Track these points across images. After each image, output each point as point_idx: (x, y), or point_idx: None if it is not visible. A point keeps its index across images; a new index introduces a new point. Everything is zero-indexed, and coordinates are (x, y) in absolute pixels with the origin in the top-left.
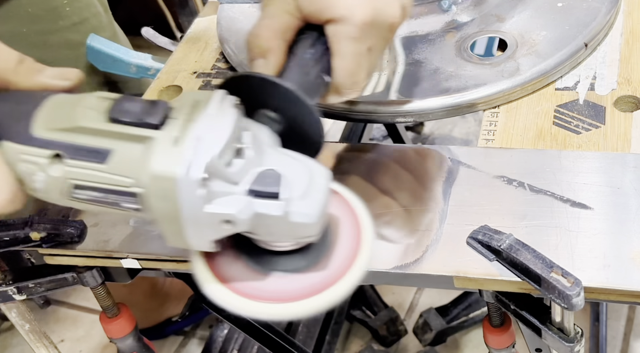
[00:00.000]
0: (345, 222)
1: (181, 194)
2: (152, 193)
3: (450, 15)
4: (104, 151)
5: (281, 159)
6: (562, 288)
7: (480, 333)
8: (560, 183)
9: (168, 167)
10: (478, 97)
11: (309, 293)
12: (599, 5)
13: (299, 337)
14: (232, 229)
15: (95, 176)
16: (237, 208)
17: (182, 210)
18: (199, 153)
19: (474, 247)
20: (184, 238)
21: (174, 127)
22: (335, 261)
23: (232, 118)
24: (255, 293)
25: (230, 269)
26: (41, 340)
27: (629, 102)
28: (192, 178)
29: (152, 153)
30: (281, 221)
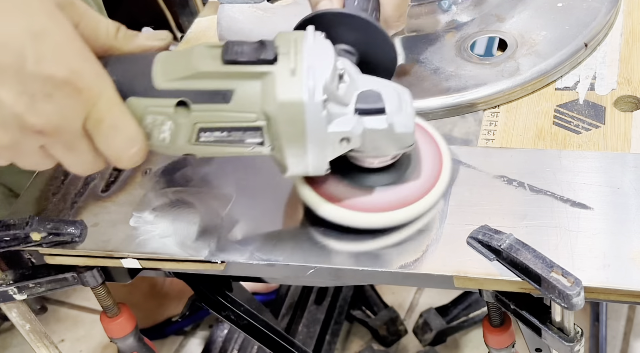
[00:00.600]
0: (423, 142)
1: (308, 116)
2: (280, 121)
3: (450, 15)
4: (226, 91)
5: (370, 82)
6: (562, 287)
7: (480, 333)
8: (560, 182)
9: (294, 94)
10: (478, 97)
11: (410, 201)
12: (599, 5)
13: (298, 337)
14: (347, 147)
15: (221, 116)
16: (352, 125)
17: (308, 132)
18: (315, 79)
19: (474, 247)
20: (306, 161)
21: (287, 61)
22: (424, 173)
23: (330, 47)
24: (365, 207)
25: (335, 190)
26: (41, 340)
27: (629, 102)
28: (316, 101)
29: (275, 85)
30: (387, 133)
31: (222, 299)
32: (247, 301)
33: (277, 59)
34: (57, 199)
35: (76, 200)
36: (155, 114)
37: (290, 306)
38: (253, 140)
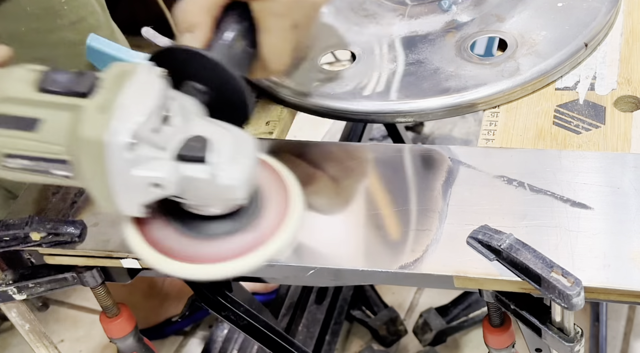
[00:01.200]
0: (273, 190)
1: (109, 158)
2: (81, 159)
3: (450, 15)
4: (33, 120)
5: (208, 127)
6: (562, 287)
7: (480, 333)
8: (560, 182)
9: (95, 132)
10: (478, 97)
11: (239, 254)
12: (599, 5)
13: (298, 337)
14: (161, 192)
15: (26, 144)
16: (164, 171)
17: (110, 174)
18: (125, 119)
19: (474, 247)
20: (114, 203)
21: (101, 96)
22: (263, 225)
23: (157, 87)
24: (187, 256)
25: (162, 235)
26: (41, 340)
27: (629, 102)
28: (119, 142)
29: (80, 120)
30: (209, 184)
31: (222, 299)
32: (247, 302)
33: (92, 92)
34: (56, 199)
35: (76, 200)
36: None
37: (290, 307)
38: (60, 172)
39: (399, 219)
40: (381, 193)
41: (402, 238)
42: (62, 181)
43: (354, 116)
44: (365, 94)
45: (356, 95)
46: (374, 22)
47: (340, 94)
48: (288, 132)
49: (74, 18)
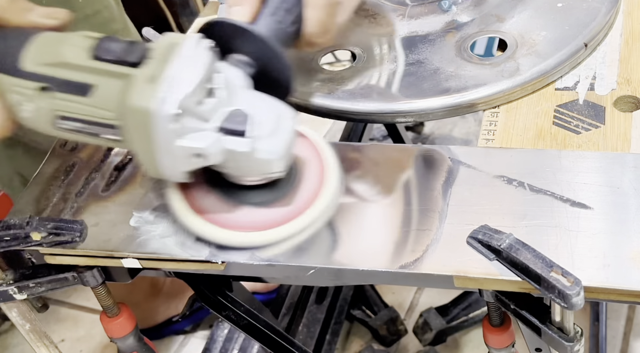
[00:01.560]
0: (312, 163)
1: (155, 127)
2: (129, 125)
3: (450, 15)
4: (87, 85)
5: (251, 101)
6: (562, 287)
7: (480, 333)
8: (560, 182)
9: (144, 102)
10: (478, 97)
11: (274, 224)
12: (599, 5)
13: (299, 337)
14: (203, 162)
15: (79, 108)
16: (206, 142)
17: (155, 142)
18: (172, 90)
19: (474, 247)
20: (158, 169)
21: (151, 66)
22: (300, 197)
23: (205, 60)
24: (226, 223)
25: (204, 201)
26: (42, 340)
27: (628, 102)
28: (165, 112)
29: (130, 89)
30: (248, 157)
31: (222, 299)
32: (247, 301)
33: (143, 63)
34: (57, 199)
35: (76, 200)
36: (17, 93)
37: (290, 306)
38: (109, 136)
39: (399, 219)
40: (381, 193)
41: (402, 238)
42: (111, 144)
43: (354, 116)
44: (365, 94)
45: (356, 95)
46: (374, 22)
47: (340, 94)
48: None
49: (89, 11)
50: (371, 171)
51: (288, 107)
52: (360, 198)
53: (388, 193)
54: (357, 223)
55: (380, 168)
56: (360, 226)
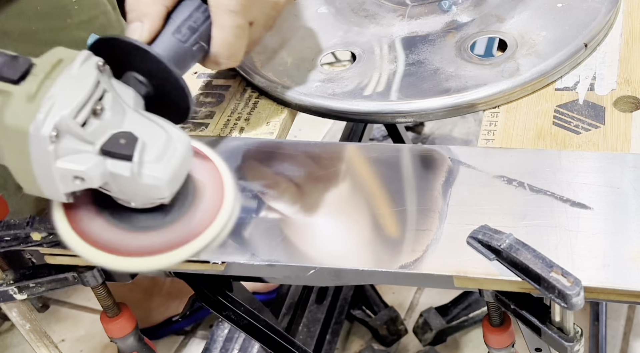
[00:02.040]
0: (208, 184)
1: (32, 148)
2: (5, 144)
3: (450, 15)
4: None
5: (141, 123)
6: (561, 287)
7: (480, 333)
8: (560, 182)
9: (20, 122)
10: (478, 98)
11: (167, 248)
12: (599, 5)
13: (299, 337)
14: (83, 185)
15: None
16: (86, 165)
17: (33, 163)
18: (51, 111)
19: (474, 247)
20: (38, 189)
21: (31, 84)
22: (193, 220)
23: (91, 79)
24: (114, 247)
25: (90, 223)
26: (42, 340)
27: (628, 102)
28: (42, 134)
29: (7, 107)
30: (131, 181)
31: (222, 299)
32: (247, 301)
33: (24, 79)
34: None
35: None
36: None
37: (290, 306)
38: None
39: (399, 219)
40: (381, 193)
41: (402, 238)
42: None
43: (354, 116)
44: (365, 95)
45: (356, 95)
46: (374, 22)
47: (340, 94)
48: (289, 132)
49: (84, 17)
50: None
51: (181, 132)
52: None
53: (388, 193)
54: (357, 223)
55: (380, 167)
56: (360, 225)
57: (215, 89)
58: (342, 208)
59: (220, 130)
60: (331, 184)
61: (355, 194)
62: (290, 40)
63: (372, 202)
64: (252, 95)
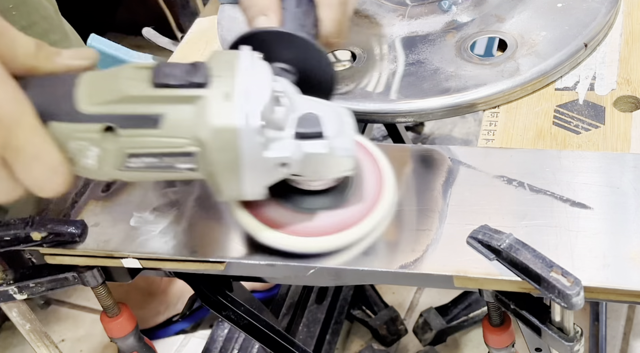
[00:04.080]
0: (365, 164)
1: (243, 143)
2: (213, 147)
3: (450, 15)
4: (155, 116)
5: (309, 104)
6: (562, 287)
7: (480, 333)
8: (560, 182)
9: (228, 120)
10: (478, 97)
11: (350, 224)
12: (599, 5)
13: (299, 337)
14: (286, 171)
15: (151, 142)
16: (290, 150)
17: (243, 158)
18: (252, 103)
19: (474, 247)
20: (241, 187)
21: (220, 84)
22: (366, 196)
23: (266, 70)
24: (305, 231)
25: (274, 215)
26: (42, 340)
27: (628, 102)
28: (252, 127)
29: (207, 110)
30: (327, 157)
31: (222, 299)
32: (247, 301)
33: (210, 82)
34: (57, 199)
35: (76, 200)
36: (80, 139)
37: (290, 306)
38: (184, 166)
39: (399, 219)
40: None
41: (402, 238)
42: (184, 175)
43: (354, 116)
44: (365, 94)
45: (356, 95)
46: (374, 22)
47: (340, 94)
48: None
49: (24, 23)
50: None
51: (340, 106)
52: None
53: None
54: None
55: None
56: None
57: None
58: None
59: None
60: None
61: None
62: None
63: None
64: None
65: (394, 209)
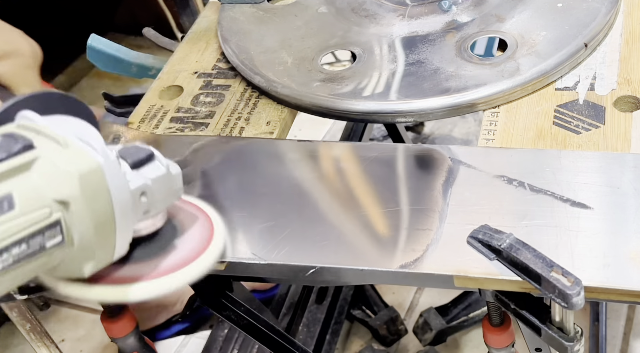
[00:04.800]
0: (196, 219)
1: (111, 180)
2: (83, 198)
3: (450, 15)
4: (5, 197)
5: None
6: (562, 287)
7: (480, 333)
8: (560, 182)
9: (87, 162)
10: (478, 97)
11: (164, 272)
12: (599, 5)
13: (299, 337)
14: (145, 201)
15: (12, 227)
16: (141, 179)
17: (114, 197)
18: (92, 141)
19: (475, 246)
20: (115, 240)
21: (45, 140)
22: (186, 248)
23: (70, 118)
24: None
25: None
26: (42, 340)
27: (628, 102)
28: (112, 159)
29: (58, 165)
30: (167, 177)
31: (222, 299)
32: (247, 301)
33: (33, 145)
34: None
35: None
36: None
37: (290, 306)
38: (54, 241)
39: (400, 219)
40: (381, 192)
41: (402, 238)
42: (53, 259)
43: (354, 116)
44: (365, 94)
45: (356, 95)
46: (374, 22)
47: (340, 94)
48: (289, 132)
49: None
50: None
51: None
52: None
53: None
54: (357, 223)
55: (379, 167)
56: (361, 225)
57: (216, 89)
58: (341, 207)
59: (220, 130)
60: (331, 184)
61: (355, 193)
62: (290, 40)
63: (372, 202)
64: (252, 95)
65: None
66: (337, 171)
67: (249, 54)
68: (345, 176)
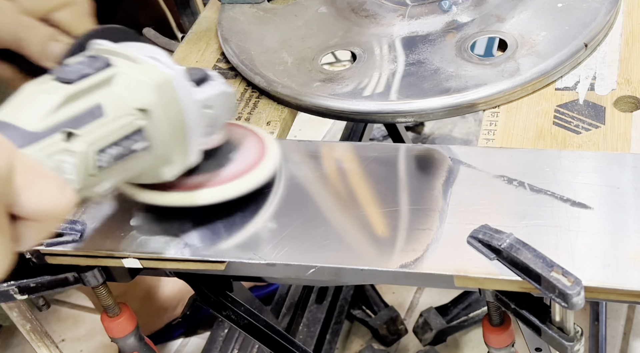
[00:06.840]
0: (249, 136)
1: (179, 91)
2: (159, 105)
3: (450, 15)
4: (94, 107)
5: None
6: (562, 287)
7: (480, 333)
8: (560, 182)
9: (159, 74)
10: (478, 97)
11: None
12: (599, 5)
13: (299, 337)
14: (210, 113)
15: (106, 130)
16: (208, 92)
17: (184, 106)
18: (159, 57)
19: (475, 246)
20: (187, 146)
21: (121, 60)
22: (244, 160)
23: (136, 43)
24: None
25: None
26: (42, 340)
27: (628, 102)
28: (180, 72)
29: (135, 77)
30: (226, 94)
31: (222, 299)
32: (247, 301)
33: (110, 62)
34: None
35: None
36: (52, 154)
37: (290, 306)
38: (140, 145)
39: (400, 219)
40: (381, 192)
41: (402, 238)
42: (145, 161)
43: (355, 116)
44: (365, 94)
45: (356, 95)
46: (375, 22)
47: (340, 94)
48: (289, 132)
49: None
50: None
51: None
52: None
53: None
54: (357, 222)
55: (379, 167)
56: (361, 225)
57: None
58: (341, 207)
59: None
60: (331, 184)
61: (355, 193)
62: (290, 40)
63: (372, 201)
64: (252, 95)
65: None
66: (337, 171)
67: (249, 54)
68: (346, 176)
